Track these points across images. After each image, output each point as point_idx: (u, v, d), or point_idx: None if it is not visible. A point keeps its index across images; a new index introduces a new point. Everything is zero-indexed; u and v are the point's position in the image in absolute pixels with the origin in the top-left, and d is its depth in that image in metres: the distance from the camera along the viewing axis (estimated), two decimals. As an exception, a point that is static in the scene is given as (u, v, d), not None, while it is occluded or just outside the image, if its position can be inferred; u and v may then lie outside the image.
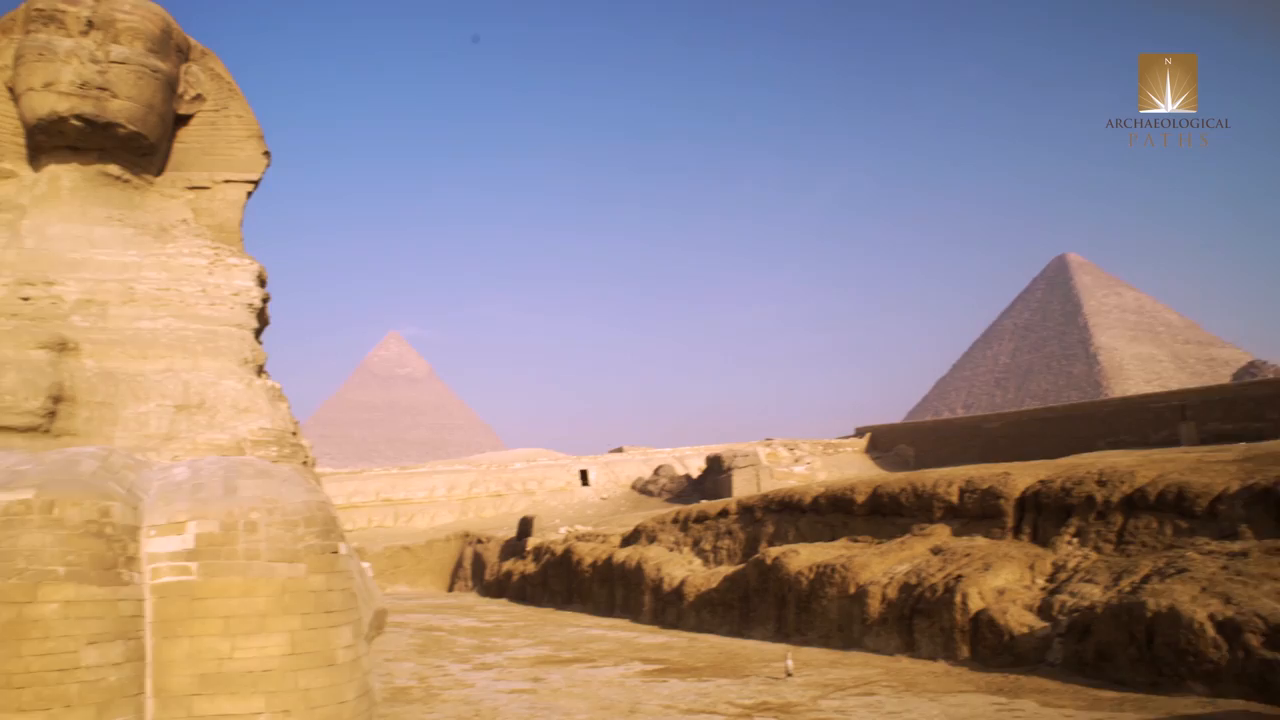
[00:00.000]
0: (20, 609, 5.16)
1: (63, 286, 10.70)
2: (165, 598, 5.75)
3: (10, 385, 9.28)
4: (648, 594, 21.95)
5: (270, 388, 10.94)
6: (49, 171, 11.23)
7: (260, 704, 5.68)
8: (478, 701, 11.84)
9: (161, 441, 9.78)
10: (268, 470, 6.78)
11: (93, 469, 6.10)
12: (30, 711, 5.03)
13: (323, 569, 6.15)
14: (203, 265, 11.33)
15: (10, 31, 11.37)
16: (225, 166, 12.33)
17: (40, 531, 5.34)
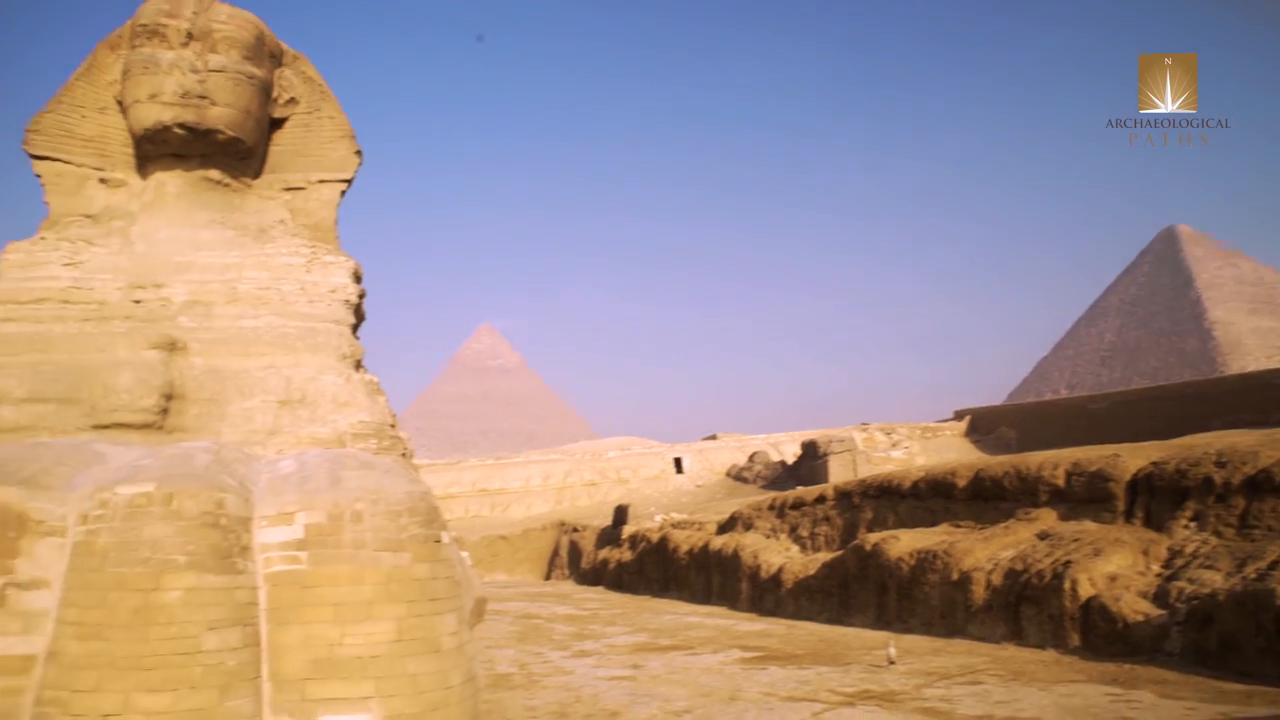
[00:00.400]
0: (146, 595, 5.38)
1: (171, 289, 11.13)
2: (277, 586, 5.93)
3: (126, 384, 9.72)
4: (745, 581, 21.83)
5: (368, 382, 11.19)
6: (156, 179, 11.68)
7: (370, 689, 5.81)
8: (578, 688, 11.93)
9: (266, 436, 10.10)
10: (371, 462, 6.92)
11: (206, 463, 6.32)
12: (159, 691, 5.25)
13: (426, 558, 6.26)
14: (300, 264, 11.64)
15: (118, 47, 11.85)
16: (319, 167, 12.62)
17: (161, 523, 5.56)
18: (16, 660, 5.37)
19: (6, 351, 10.41)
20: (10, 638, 5.40)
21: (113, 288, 11.08)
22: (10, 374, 10.13)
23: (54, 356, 10.35)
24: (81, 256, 11.29)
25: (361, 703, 5.78)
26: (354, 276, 11.84)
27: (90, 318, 10.90)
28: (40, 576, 5.56)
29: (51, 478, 5.96)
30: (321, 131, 12.73)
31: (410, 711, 5.89)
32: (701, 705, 10.72)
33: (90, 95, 12.05)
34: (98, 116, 12.07)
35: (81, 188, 12.09)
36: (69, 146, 12.08)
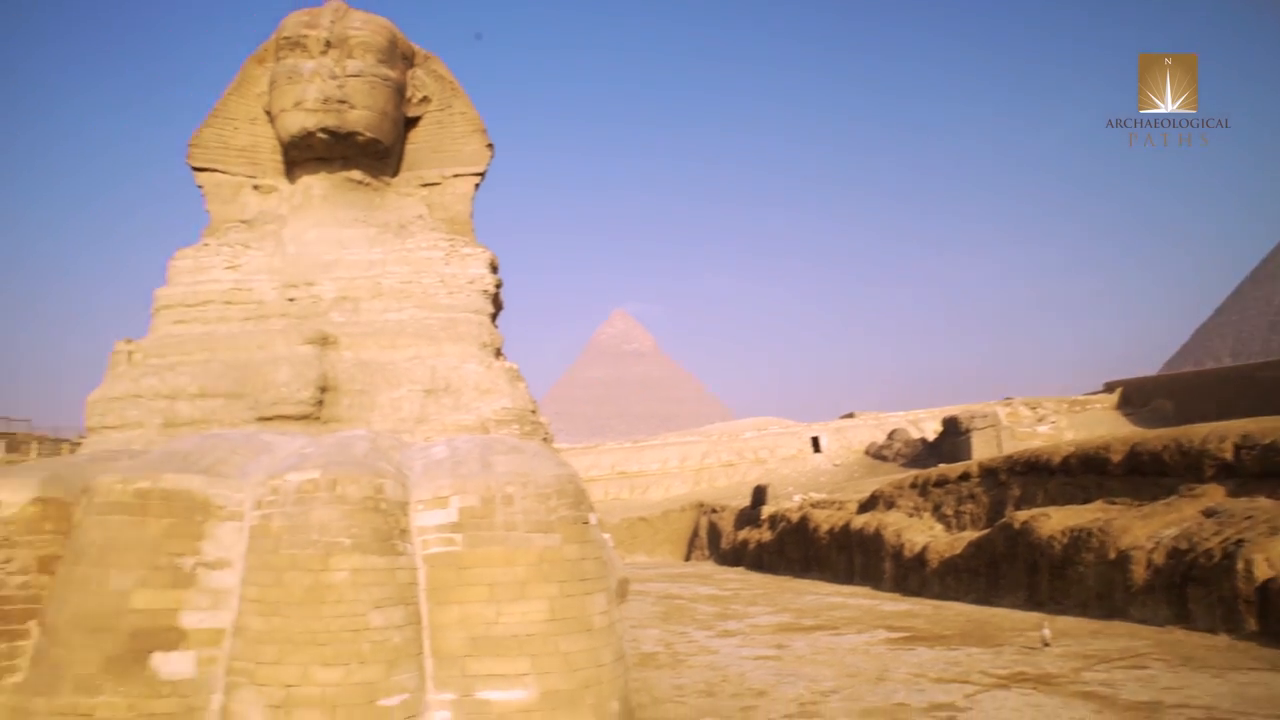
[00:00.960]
0: (317, 575, 5.69)
1: (321, 286, 11.69)
2: (435, 567, 6.16)
3: (285, 378, 10.28)
4: (888, 561, 21.39)
5: (509, 369, 11.46)
6: (302, 183, 12.27)
7: (526, 665, 5.97)
8: (724, 667, 11.95)
9: (414, 424, 10.50)
10: (519, 446, 7.10)
11: (365, 450, 6.61)
12: (333, 665, 5.55)
13: (575, 539, 6.38)
14: (440, 257, 12.01)
15: (264, 61, 12.48)
16: (453, 162, 12.97)
17: (327, 507, 5.86)
18: (209, 633, 5.78)
19: (180, 351, 11.17)
20: (202, 612, 5.80)
21: (269, 288, 11.71)
22: (184, 372, 10.87)
23: (220, 354, 11.04)
24: (240, 260, 11.98)
25: (518, 679, 5.95)
26: (491, 267, 12.14)
27: (250, 316, 11.56)
28: (224, 557, 5.96)
29: (228, 466, 6.36)
30: (454, 127, 13.07)
31: (564, 689, 6.02)
32: (849, 685, 10.56)
33: (241, 107, 12.75)
34: (249, 127, 12.76)
35: (237, 195, 12.82)
36: (225, 157, 12.82)
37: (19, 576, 6.13)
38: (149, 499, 5.89)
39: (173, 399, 10.69)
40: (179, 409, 10.61)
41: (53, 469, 6.63)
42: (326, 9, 11.69)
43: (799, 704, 9.86)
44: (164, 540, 5.83)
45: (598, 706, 6.14)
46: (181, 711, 5.62)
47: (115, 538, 5.80)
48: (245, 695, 5.56)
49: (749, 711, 9.57)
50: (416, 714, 5.78)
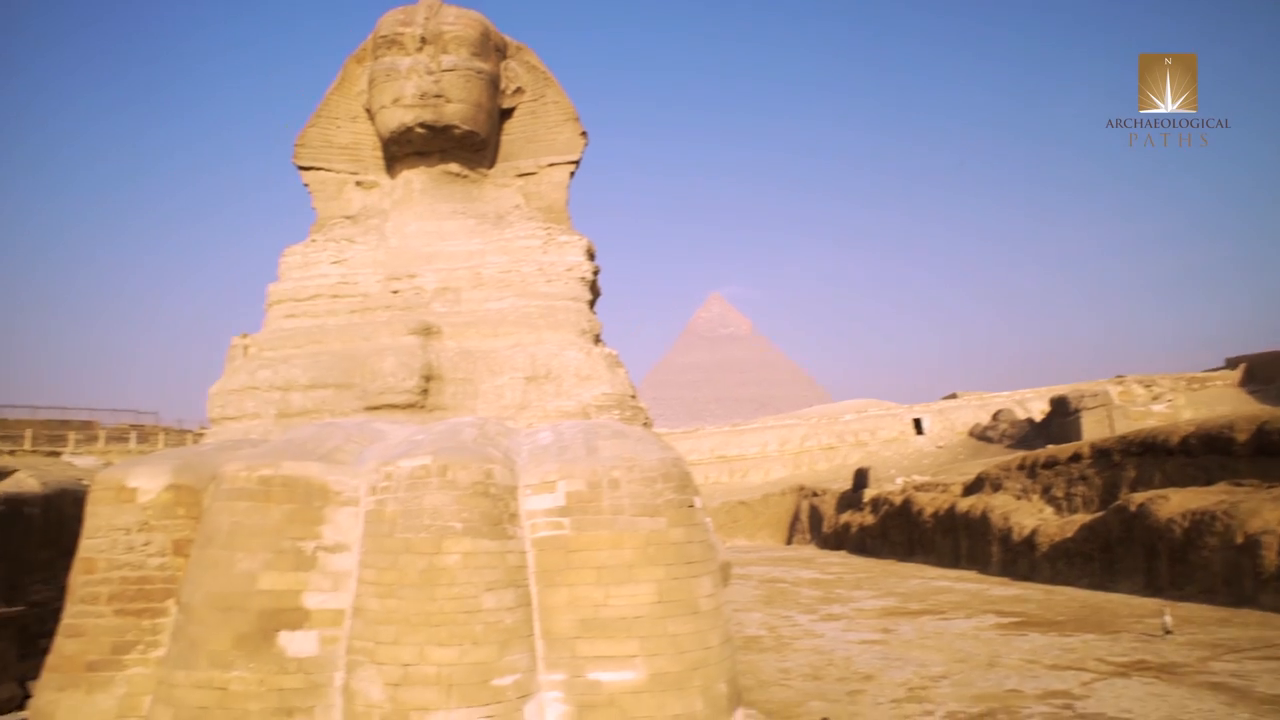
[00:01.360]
0: (430, 559, 5.85)
1: (423, 278, 11.95)
2: (544, 550, 6.26)
3: (390, 368, 10.56)
4: (995, 544, 20.84)
5: (608, 355, 11.53)
6: (403, 177, 12.54)
7: (634, 648, 6.02)
8: (829, 651, 11.85)
9: (516, 411, 10.66)
10: (623, 431, 7.15)
11: (473, 436, 6.75)
12: (448, 645, 5.70)
13: (681, 522, 6.40)
14: (537, 246, 12.14)
15: (363, 60, 12.80)
16: (548, 151, 13.07)
17: (439, 492, 6.01)
18: (330, 613, 6.00)
19: (291, 344, 11.59)
20: (324, 594, 6.03)
21: (373, 280, 12.04)
22: (295, 364, 11.27)
23: (329, 346, 11.40)
24: (345, 254, 12.34)
25: (627, 660, 6.01)
26: (588, 254, 12.22)
27: (356, 309, 11.91)
28: (342, 541, 6.17)
29: (344, 454, 6.58)
30: (547, 117, 13.17)
31: (673, 670, 6.05)
32: (959, 670, 10.37)
33: (343, 106, 13.10)
34: (350, 125, 13.10)
35: (341, 191, 13.20)
36: (328, 155, 13.20)
37: (157, 558, 6.49)
38: (271, 485, 6.14)
39: (286, 390, 11.10)
40: (292, 399, 11.02)
41: (183, 458, 6.97)
42: (420, 6, 11.91)
43: (907, 689, 9.73)
44: (286, 525, 6.07)
45: (705, 688, 6.16)
46: (307, 687, 5.85)
47: (241, 522, 6.07)
48: (366, 673, 5.75)
49: (856, 695, 9.49)
50: (529, 693, 5.89)
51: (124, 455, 33.39)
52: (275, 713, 5.74)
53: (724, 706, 6.26)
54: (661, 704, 5.98)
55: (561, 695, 6.02)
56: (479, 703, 5.65)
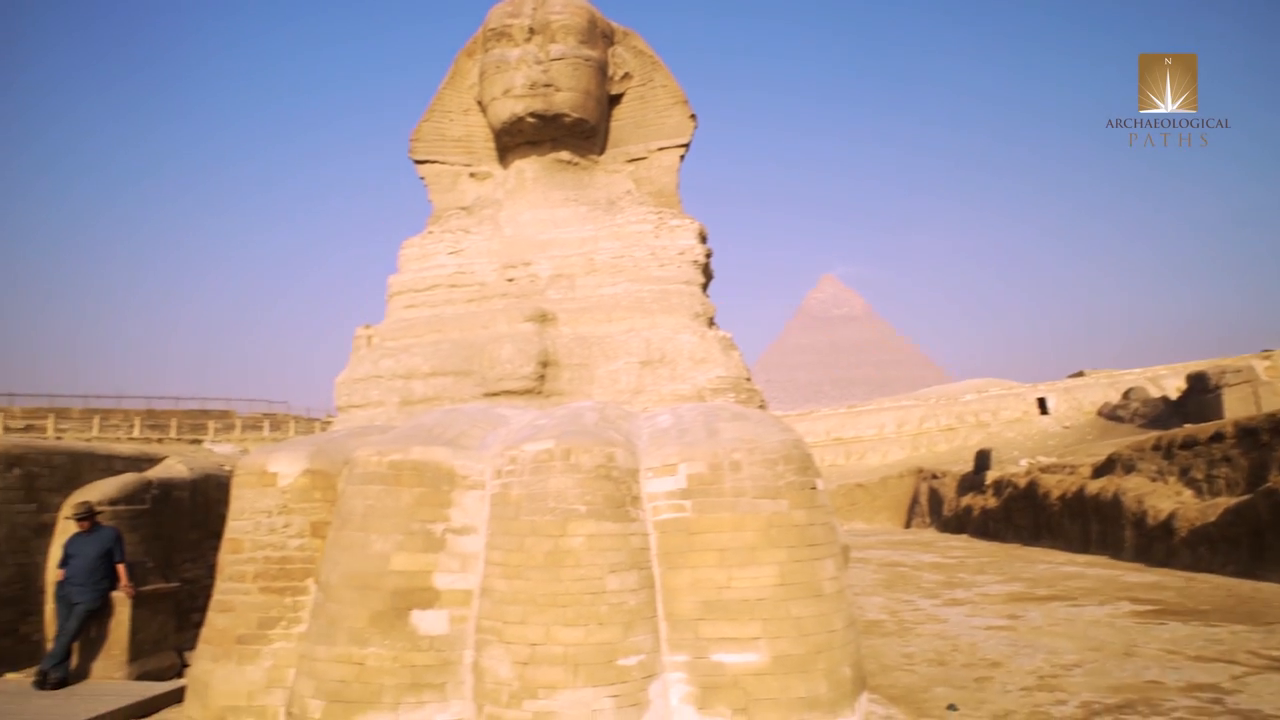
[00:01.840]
0: (556, 541, 5.94)
1: (537, 266, 12.14)
2: (665, 533, 6.28)
3: (508, 355, 10.77)
4: (1128, 529, 19.92)
5: (722, 338, 11.49)
6: (515, 167, 12.76)
7: (757, 630, 5.99)
8: (954, 636, 11.56)
9: (631, 395, 10.74)
10: (743, 413, 7.11)
11: (595, 420, 6.83)
12: (574, 626, 5.79)
13: (803, 504, 6.32)
14: (649, 230, 12.18)
15: (473, 54, 13.05)
16: (657, 135, 13.08)
17: (562, 476, 6.10)
18: (460, 594, 6.18)
19: (412, 334, 11.95)
20: (453, 574, 6.21)
21: (489, 269, 12.30)
22: (417, 353, 11.62)
23: (448, 335, 11.72)
24: (461, 245, 12.64)
25: (751, 643, 5.99)
26: (700, 237, 12.19)
27: (473, 298, 12.19)
28: (469, 523, 6.34)
29: (469, 439, 6.75)
30: (656, 101, 13.17)
31: (796, 653, 6.00)
32: (1093, 659, 9.97)
33: (455, 100, 13.40)
34: (463, 118, 13.40)
35: (456, 183, 13.51)
36: (442, 148, 13.53)
37: (296, 539, 6.80)
38: (401, 470, 6.35)
39: (408, 378, 11.47)
40: (413, 387, 11.38)
41: (318, 444, 7.27)
42: (527, -3, 12.04)
43: (1038, 677, 9.41)
44: (416, 508, 6.27)
45: (830, 672, 6.09)
46: (438, 664, 6.04)
47: (374, 505, 6.29)
48: (494, 652, 5.90)
49: (983, 682, 9.23)
50: (653, 674, 5.94)
51: (258, 442, 35.20)
52: (409, 688, 5.95)
53: (848, 690, 6.18)
54: (785, 686, 5.94)
55: (685, 676, 6.04)
56: (604, 682, 5.73)
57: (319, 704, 5.98)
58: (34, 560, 10.03)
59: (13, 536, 9.82)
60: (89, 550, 8.99)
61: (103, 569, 9.01)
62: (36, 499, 10.15)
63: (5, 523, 9.75)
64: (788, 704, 5.92)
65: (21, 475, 10.02)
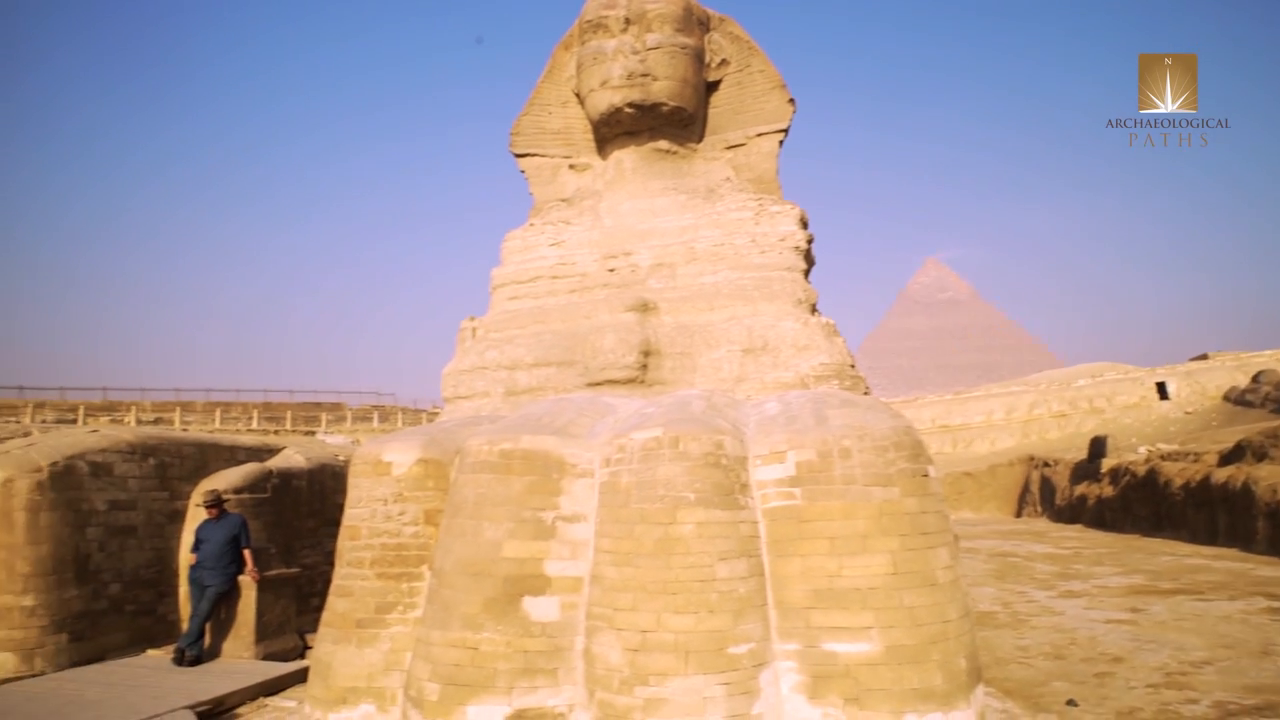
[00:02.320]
0: (665, 529, 5.95)
1: (638, 255, 12.19)
2: (775, 520, 6.22)
3: (610, 345, 10.85)
4: (1261, 520, 18.88)
5: (825, 324, 11.34)
6: (613, 158, 12.82)
7: (869, 619, 5.89)
8: (1071, 629, 11.18)
9: (734, 384, 10.69)
10: (852, 400, 7.00)
11: (702, 408, 6.81)
12: (684, 613, 5.79)
13: (915, 491, 6.18)
14: (749, 217, 12.09)
15: (570, 47, 13.17)
16: (755, 121, 12.97)
17: (671, 463, 6.10)
18: (570, 580, 6.25)
19: (515, 325, 12.16)
20: (563, 562, 6.29)
21: (590, 260, 12.41)
22: (520, 344, 11.82)
23: (551, 326, 11.87)
24: (562, 236, 12.79)
25: (863, 632, 5.90)
26: (800, 223, 12.05)
27: (575, 289, 12.33)
28: (579, 511, 6.40)
29: (577, 427, 6.82)
30: (754, 86, 13.06)
31: (909, 643, 5.89)
32: (1226, 657, 9.49)
33: (553, 93, 13.55)
34: (561, 110, 13.54)
35: (556, 176, 13.67)
36: (542, 141, 13.71)
37: (411, 527, 7.00)
38: (512, 459, 6.45)
39: (512, 369, 11.67)
40: (518, 378, 11.57)
41: (430, 434, 7.46)
42: (623, -13, 12.06)
43: (1164, 674, 9.01)
44: (526, 496, 6.37)
45: (944, 663, 5.95)
46: (550, 650, 6.13)
47: (485, 494, 6.41)
48: (605, 639, 5.95)
49: (1104, 678, 8.90)
50: (763, 662, 5.90)
51: (368, 433, 36.39)
52: (521, 672, 6.06)
53: (964, 682, 6.03)
54: (899, 677, 5.83)
55: (795, 665, 5.99)
56: (715, 670, 5.72)
57: (435, 687, 6.14)
58: (168, 545, 10.59)
59: (149, 522, 10.39)
60: (218, 536, 9.45)
61: (230, 554, 9.45)
62: (169, 487, 10.72)
63: (143, 509, 10.33)
64: (901, 695, 5.81)
65: (156, 465, 10.60)
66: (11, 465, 9.15)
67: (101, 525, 9.81)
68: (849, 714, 5.83)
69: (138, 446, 10.48)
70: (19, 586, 8.84)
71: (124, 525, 10.07)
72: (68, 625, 9.15)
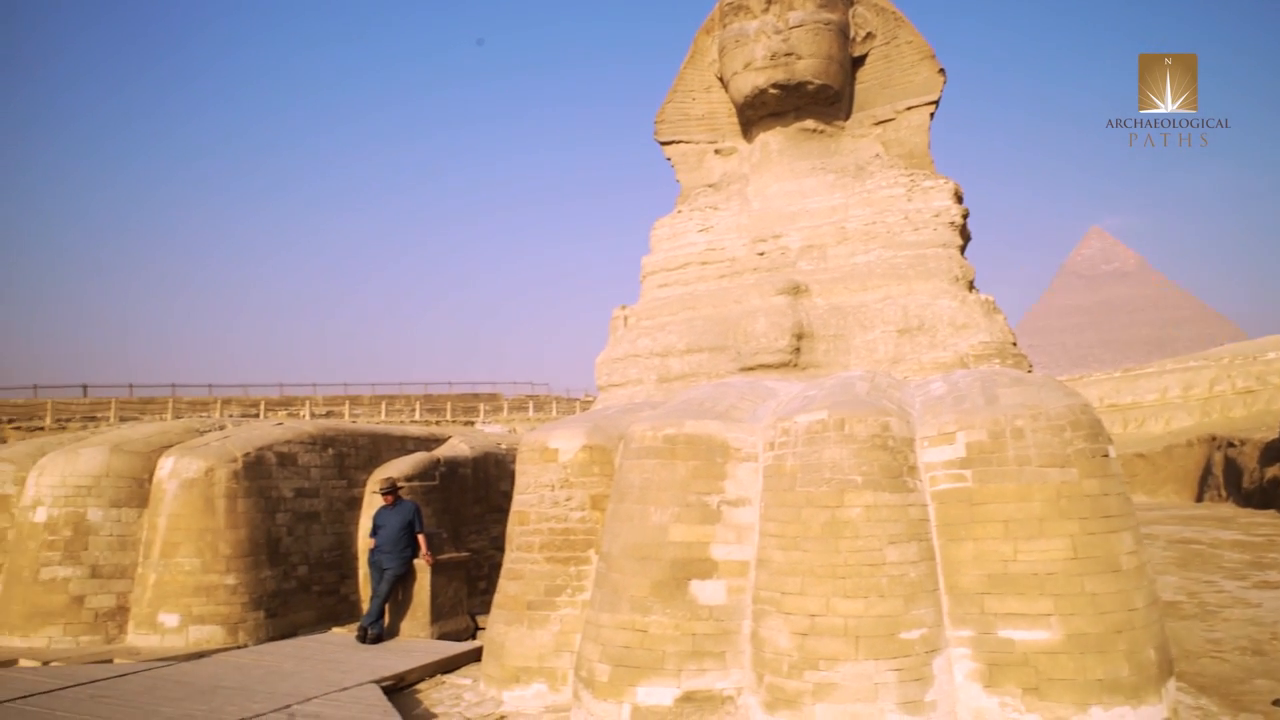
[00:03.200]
0: (833, 512, 5.90)
1: (787, 238, 12.07)
2: (944, 503, 6.06)
3: (763, 329, 10.80)
4: None
5: (984, 301, 10.93)
6: (759, 140, 12.72)
7: (1048, 606, 5.66)
8: (1271, 624, 10.42)
9: (889, 365, 10.45)
10: (1022, 378, 6.74)
11: (866, 389, 6.71)
12: (853, 598, 5.74)
13: (1094, 473, 5.89)
14: (900, 194, 11.77)
15: (711, 31, 13.12)
16: (904, 94, 12.58)
17: (837, 446, 6.04)
18: (736, 564, 6.28)
19: (667, 312, 12.26)
20: (729, 545, 6.32)
21: (739, 244, 12.37)
22: (672, 331, 11.91)
23: (702, 311, 11.92)
24: (710, 221, 12.80)
25: (1041, 619, 5.67)
26: (955, 197, 11.64)
27: (725, 274, 12.32)
28: (743, 495, 6.42)
29: (739, 412, 6.84)
30: (901, 59, 12.67)
31: (1093, 631, 5.62)
32: None
33: (696, 78, 13.53)
34: (704, 95, 13.51)
35: (701, 161, 13.67)
36: (686, 128, 13.73)
37: (577, 512, 7.19)
38: (676, 443, 6.52)
39: (664, 356, 11.78)
40: (670, 364, 11.68)
41: (594, 420, 7.64)
42: (762, -32, 11.89)
43: (1386, 671, 8.27)
44: (691, 480, 6.43)
45: (1131, 653, 5.65)
46: (717, 633, 6.18)
47: (650, 479, 6.51)
48: (772, 623, 5.95)
49: (1316, 676, 8.23)
50: (936, 648, 5.77)
51: (524, 422, 37.49)
52: (690, 655, 6.13)
53: (1153, 675, 5.71)
54: (1082, 667, 5.58)
55: (969, 652, 5.82)
56: (886, 655, 5.63)
57: (605, 668, 6.29)
58: (347, 530, 11.25)
59: (330, 509, 11.06)
60: (394, 521, 9.96)
61: (406, 538, 9.95)
62: (346, 475, 11.37)
63: (324, 496, 11.01)
64: (1085, 686, 5.56)
65: (334, 455, 11.27)
66: (211, 456, 9.93)
67: (289, 511, 10.51)
68: (1028, 704, 5.63)
69: (318, 438, 11.17)
70: (222, 567, 9.60)
71: (308, 511, 10.76)
72: (264, 603, 9.86)
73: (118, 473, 9.81)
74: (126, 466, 9.87)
